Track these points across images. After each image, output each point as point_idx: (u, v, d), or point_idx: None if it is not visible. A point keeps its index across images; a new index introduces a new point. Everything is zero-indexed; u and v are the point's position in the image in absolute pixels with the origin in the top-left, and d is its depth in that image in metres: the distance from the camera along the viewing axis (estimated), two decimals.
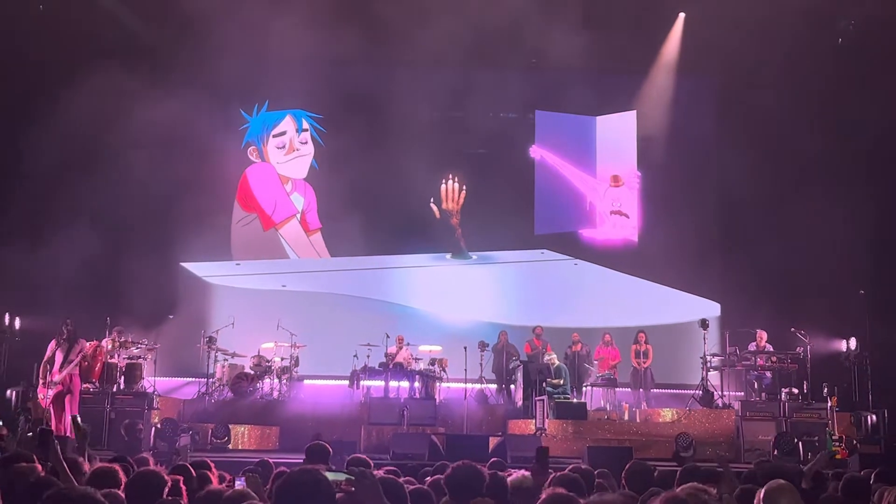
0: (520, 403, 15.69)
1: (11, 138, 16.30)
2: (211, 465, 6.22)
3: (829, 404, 14.05)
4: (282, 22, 16.15)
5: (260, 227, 19.02)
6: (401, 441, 12.72)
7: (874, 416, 14.50)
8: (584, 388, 16.48)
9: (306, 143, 19.22)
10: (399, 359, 16.05)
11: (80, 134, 15.66)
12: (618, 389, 16.45)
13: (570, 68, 17.38)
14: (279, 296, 18.31)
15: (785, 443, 13.36)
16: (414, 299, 18.55)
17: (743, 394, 15.50)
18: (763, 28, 16.43)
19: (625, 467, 5.88)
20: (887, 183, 16.46)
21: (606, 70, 18.43)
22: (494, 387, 16.88)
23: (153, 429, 12.79)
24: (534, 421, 14.65)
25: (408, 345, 16.44)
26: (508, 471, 6.39)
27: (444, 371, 15.90)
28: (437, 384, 15.75)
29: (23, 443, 11.23)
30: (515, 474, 5.17)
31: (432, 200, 18.91)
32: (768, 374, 15.21)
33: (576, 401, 15.47)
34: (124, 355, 14.21)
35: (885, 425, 14.37)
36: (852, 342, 16.22)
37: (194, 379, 16.36)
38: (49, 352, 12.20)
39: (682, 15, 18.46)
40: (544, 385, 15.09)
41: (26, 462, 5.12)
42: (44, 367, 12.16)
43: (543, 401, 14.56)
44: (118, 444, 11.97)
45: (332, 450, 6.82)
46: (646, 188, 19.35)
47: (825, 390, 14.28)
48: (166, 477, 4.70)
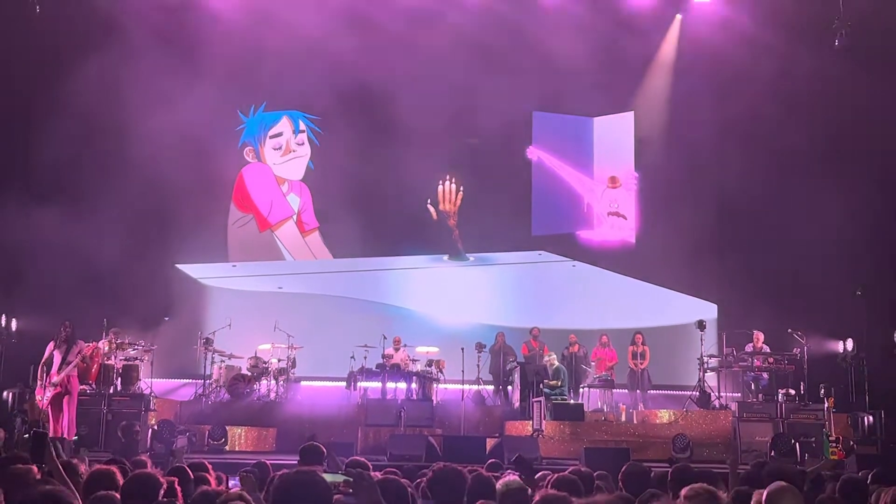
0: (517, 405, 15.69)
1: (9, 138, 16.28)
2: (208, 466, 6.22)
3: (826, 405, 14.04)
4: (280, 22, 16.15)
5: (256, 228, 18.98)
6: (398, 442, 12.69)
7: (871, 418, 14.53)
8: (580, 390, 16.49)
9: (303, 144, 19.19)
10: (396, 360, 16.04)
11: (78, 134, 15.64)
12: (615, 391, 16.44)
13: (568, 69, 17.36)
14: (276, 297, 18.28)
15: (782, 444, 13.37)
16: (411, 300, 18.52)
17: (740, 395, 15.50)
18: (760, 29, 16.45)
19: (621, 469, 5.87)
20: (885, 185, 16.46)
21: (604, 71, 18.42)
22: (491, 388, 16.87)
23: (150, 430, 12.77)
24: (531, 422, 14.64)
25: (405, 346, 16.42)
26: (505, 472, 6.38)
27: (442, 372, 15.88)
28: (435, 385, 15.75)
29: (19, 444, 11.22)
30: (505, 477, 5.12)
31: (429, 202, 18.88)
32: (765, 375, 15.21)
33: (573, 402, 15.50)
34: (121, 357, 14.19)
35: (881, 426, 14.38)
36: (849, 343, 16.23)
37: (191, 380, 16.35)
38: (47, 353, 12.15)
39: (679, 17, 18.47)
40: (541, 386, 15.10)
41: (23, 464, 5.11)
42: (41, 369, 12.13)
43: (540, 402, 14.55)
44: (115, 446, 11.93)
45: (326, 450, 6.81)
46: (643, 189, 19.34)
47: (822, 391, 14.27)
48: (162, 479, 4.69)
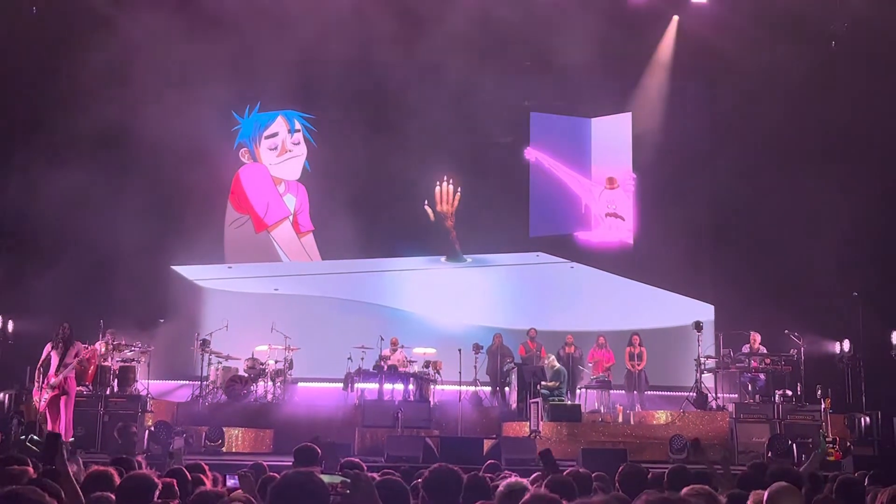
0: (514, 406, 15.67)
1: (7, 138, 16.28)
2: (205, 467, 6.21)
3: (823, 406, 14.07)
4: (277, 22, 16.13)
5: (252, 229, 18.94)
6: (395, 444, 12.68)
7: (868, 418, 14.55)
8: (577, 391, 16.49)
9: (299, 143, 19.13)
10: (393, 361, 16.02)
11: (75, 134, 15.61)
12: (612, 392, 16.44)
13: (566, 70, 17.36)
14: (273, 298, 18.24)
15: (779, 445, 13.37)
16: (408, 302, 18.49)
17: (737, 396, 15.53)
18: (757, 30, 16.46)
19: (618, 470, 5.86)
20: (882, 186, 16.48)
21: (602, 72, 18.42)
22: (489, 389, 16.87)
23: (147, 432, 12.72)
24: (528, 423, 14.64)
25: (402, 347, 16.40)
26: (504, 474, 6.37)
27: (439, 373, 15.86)
28: (432, 387, 15.74)
29: (16, 446, 11.20)
30: (509, 479, 5.11)
31: (426, 203, 18.87)
32: (762, 376, 15.23)
33: (570, 403, 15.50)
34: (117, 358, 14.17)
35: (878, 427, 14.41)
36: (846, 344, 16.26)
37: (188, 382, 16.32)
38: (44, 354, 12.13)
39: (676, 17, 18.48)
40: (538, 387, 15.09)
41: (18, 465, 5.10)
42: (38, 370, 12.10)
43: (538, 403, 14.55)
44: (112, 448, 11.91)
45: (321, 451, 6.80)
46: (641, 190, 19.34)
47: (819, 392, 14.31)
48: (157, 480, 4.69)
